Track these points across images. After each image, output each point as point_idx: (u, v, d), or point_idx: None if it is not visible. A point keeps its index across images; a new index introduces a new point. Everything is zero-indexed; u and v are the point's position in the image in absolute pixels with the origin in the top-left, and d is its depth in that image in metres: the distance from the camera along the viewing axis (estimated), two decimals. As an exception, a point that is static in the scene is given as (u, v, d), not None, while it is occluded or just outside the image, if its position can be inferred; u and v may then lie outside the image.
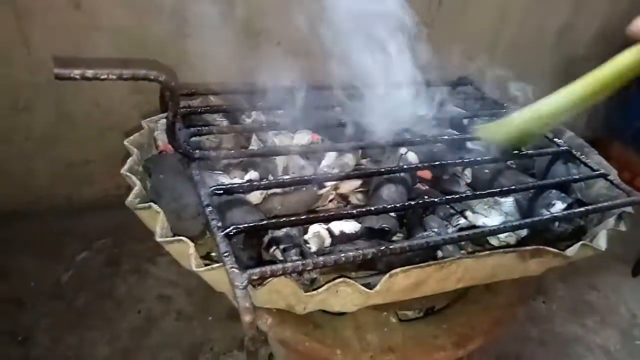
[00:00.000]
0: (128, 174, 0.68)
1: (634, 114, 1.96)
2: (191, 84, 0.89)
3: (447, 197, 0.74)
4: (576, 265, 1.64)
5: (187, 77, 0.98)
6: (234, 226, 0.60)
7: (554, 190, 0.83)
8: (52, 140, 1.43)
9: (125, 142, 0.76)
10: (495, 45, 1.77)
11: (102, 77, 0.58)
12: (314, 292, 0.57)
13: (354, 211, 0.67)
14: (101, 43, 1.29)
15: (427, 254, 0.72)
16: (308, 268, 0.57)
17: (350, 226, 0.72)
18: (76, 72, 0.57)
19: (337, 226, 0.72)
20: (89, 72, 0.57)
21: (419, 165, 0.80)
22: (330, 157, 0.84)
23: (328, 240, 0.71)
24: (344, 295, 0.62)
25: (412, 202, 0.72)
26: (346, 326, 0.77)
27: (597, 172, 0.87)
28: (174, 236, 0.63)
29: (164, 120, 0.76)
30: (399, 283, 0.63)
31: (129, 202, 0.65)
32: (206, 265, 0.59)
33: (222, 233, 0.59)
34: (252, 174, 0.78)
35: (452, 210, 0.80)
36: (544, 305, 1.51)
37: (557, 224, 0.79)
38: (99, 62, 0.60)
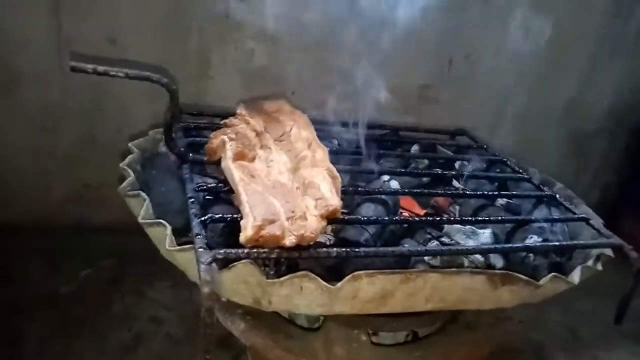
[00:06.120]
0: (125, 167, 0.75)
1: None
2: (199, 106, 0.97)
3: (422, 218, 0.77)
4: (580, 336, 1.59)
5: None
6: (210, 215, 0.65)
7: (533, 226, 0.85)
8: (72, 162, 1.52)
9: (130, 144, 0.83)
10: (503, 112, 1.81)
11: (112, 73, 0.66)
12: (277, 280, 0.60)
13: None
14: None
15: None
16: (272, 256, 0.61)
17: (324, 238, 0.76)
18: (89, 67, 0.65)
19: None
20: (101, 68, 0.66)
21: (398, 190, 0.84)
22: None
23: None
24: (308, 293, 0.64)
25: (386, 218, 0.75)
26: (316, 339, 0.79)
27: (578, 216, 0.89)
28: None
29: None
30: (365, 290, 0.65)
31: (121, 189, 0.70)
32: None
33: (198, 220, 0.63)
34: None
35: (429, 236, 0.83)
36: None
37: (532, 256, 0.80)
38: (110, 62, 0.68)
